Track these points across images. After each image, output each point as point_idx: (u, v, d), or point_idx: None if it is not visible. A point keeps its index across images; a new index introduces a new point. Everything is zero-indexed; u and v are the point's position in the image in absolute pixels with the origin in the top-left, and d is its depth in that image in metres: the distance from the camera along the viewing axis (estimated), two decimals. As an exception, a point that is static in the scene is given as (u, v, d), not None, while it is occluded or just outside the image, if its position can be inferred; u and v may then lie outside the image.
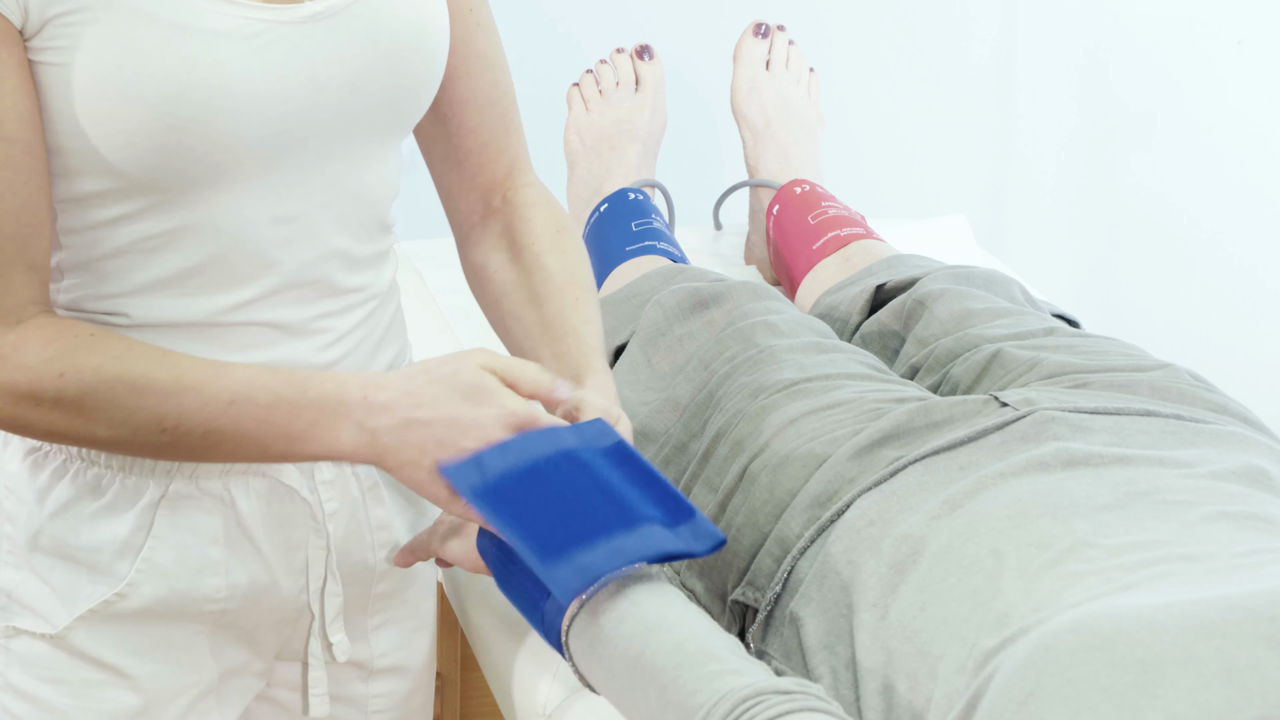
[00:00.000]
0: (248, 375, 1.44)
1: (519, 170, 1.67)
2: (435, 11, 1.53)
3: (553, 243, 1.64)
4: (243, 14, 1.42)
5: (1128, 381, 1.68)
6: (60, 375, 1.41)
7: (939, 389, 1.80)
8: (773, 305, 1.92)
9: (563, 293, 1.61)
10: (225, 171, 1.44)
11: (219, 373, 1.44)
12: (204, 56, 1.40)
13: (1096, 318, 2.77)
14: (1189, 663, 1.19)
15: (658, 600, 1.39)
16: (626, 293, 2.05)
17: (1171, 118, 2.76)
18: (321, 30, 1.46)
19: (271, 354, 1.51)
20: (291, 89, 1.44)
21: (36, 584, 1.53)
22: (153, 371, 1.43)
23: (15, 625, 1.54)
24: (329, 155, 1.49)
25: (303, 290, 1.51)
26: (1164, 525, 1.40)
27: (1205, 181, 2.74)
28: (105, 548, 1.51)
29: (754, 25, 2.41)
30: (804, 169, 2.35)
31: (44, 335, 1.43)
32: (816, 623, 1.49)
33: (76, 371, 1.42)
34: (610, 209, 2.27)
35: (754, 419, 1.69)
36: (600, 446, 1.46)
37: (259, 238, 1.48)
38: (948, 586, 1.40)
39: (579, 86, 2.41)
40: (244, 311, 1.49)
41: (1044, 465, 1.50)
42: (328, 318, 1.53)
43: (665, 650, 1.35)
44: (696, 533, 1.44)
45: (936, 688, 1.35)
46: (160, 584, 1.52)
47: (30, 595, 1.53)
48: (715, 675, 1.31)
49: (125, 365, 1.42)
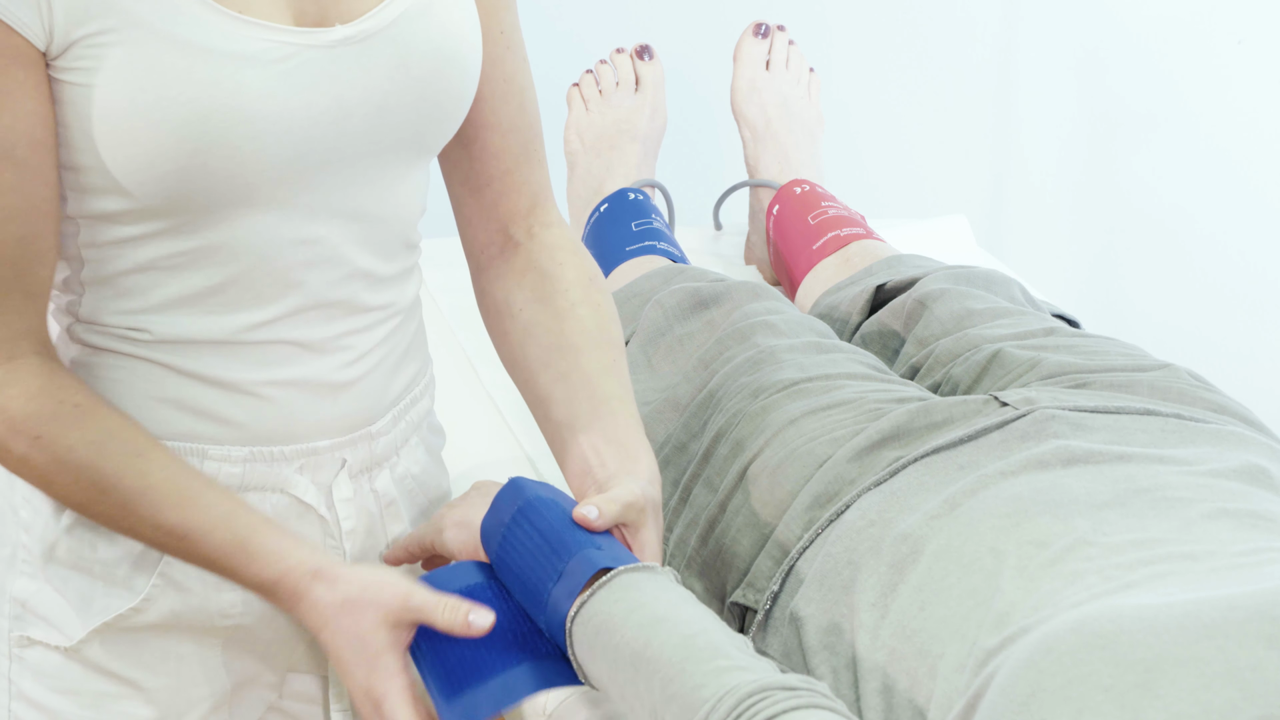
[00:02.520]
0: (205, 518, 1.45)
1: (542, 206, 1.62)
2: (470, 34, 1.51)
3: (585, 294, 1.60)
4: (271, 37, 1.40)
5: (1128, 381, 1.68)
6: (36, 438, 1.42)
7: (939, 389, 1.80)
8: (773, 305, 1.92)
9: (599, 349, 1.58)
10: (248, 194, 1.43)
11: (182, 501, 1.44)
12: (227, 80, 1.39)
13: (1096, 318, 2.77)
14: (1191, 662, 1.19)
15: (668, 596, 1.39)
16: (626, 293, 2.05)
17: (1171, 118, 2.76)
18: (351, 55, 1.43)
19: (293, 371, 1.49)
20: (316, 114, 1.42)
21: (51, 595, 1.52)
22: (121, 476, 1.43)
23: (29, 635, 1.53)
24: (354, 178, 1.47)
25: (326, 310, 1.50)
26: (1164, 523, 1.40)
27: (1205, 181, 2.74)
28: (122, 561, 1.50)
29: (754, 25, 2.41)
30: (804, 169, 2.35)
31: (29, 388, 1.42)
32: (816, 622, 1.49)
33: (51, 442, 1.42)
34: (610, 209, 2.27)
35: (754, 419, 1.69)
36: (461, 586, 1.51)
37: (282, 259, 1.46)
38: (947, 585, 1.40)
39: (579, 86, 2.41)
40: (266, 330, 1.48)
41: (1044, 463, 1.50)
42: (351, 335, 1.52)
43: (672, 643, 1.34)
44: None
45: (937, 686, 1.35)
46: (176, 598, 1.52)
47: (45, 606, 1.52)
48: (722, 670, 1.31)
49: (96, 457, 1.42)
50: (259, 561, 1.45)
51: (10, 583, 1.53)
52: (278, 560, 1.46)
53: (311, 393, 1.51)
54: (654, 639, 1.35)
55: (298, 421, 1.51)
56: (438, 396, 1.79)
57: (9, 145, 1.37)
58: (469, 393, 2.09)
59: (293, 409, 1.50)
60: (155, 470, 1.44)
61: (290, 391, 1.50)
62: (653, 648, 1.35)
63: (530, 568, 1.46)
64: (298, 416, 1.51)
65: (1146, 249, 2.82)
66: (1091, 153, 2.87)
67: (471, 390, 2.10)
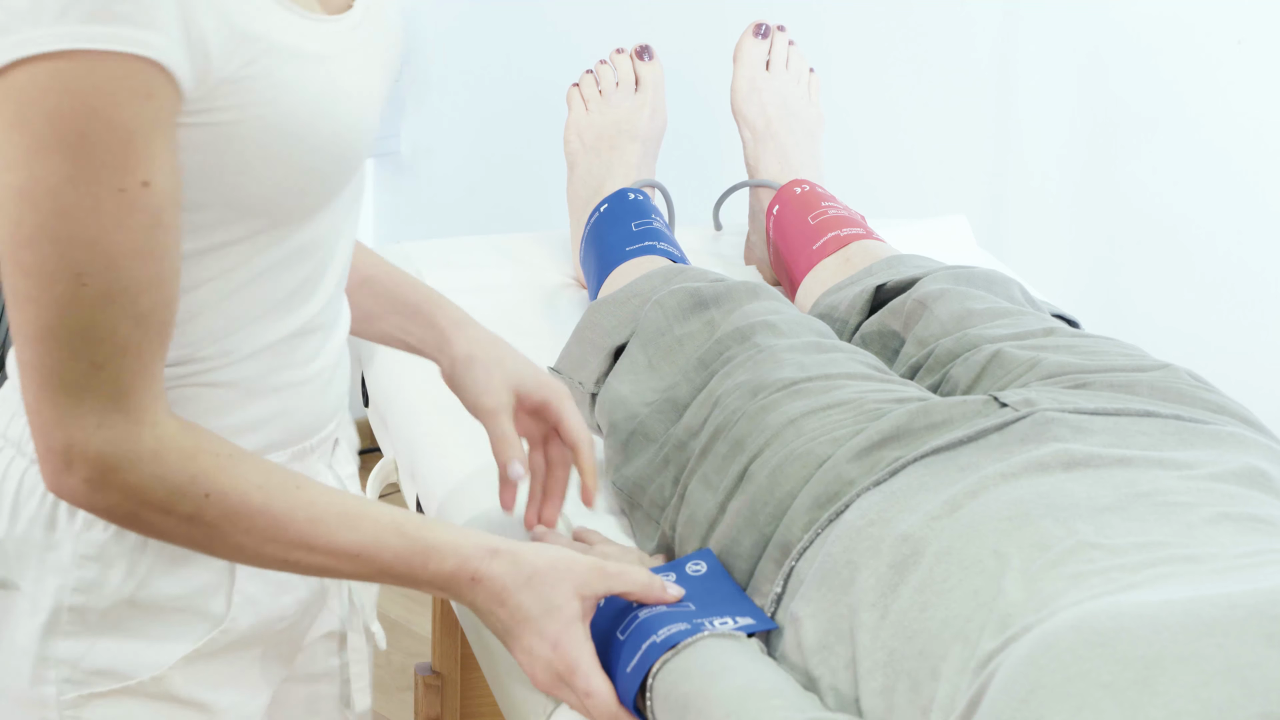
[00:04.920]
0: (376, 531, 1.43)
1: None
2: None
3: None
4: (332, 31, 1.36)
5: (1127, 382, 1.68)
6: (206, 496, 1.36)
7: (939, 389, 1.80)
8: (773, 305, 1.92)
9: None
10: (341, 190, 1.41)
11: (349, 521, 1.42)
12: (336, 83, 1.35)
13: (1096, 318, 2.77)
14: (1190, 660, 1.19)
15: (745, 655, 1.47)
16: (626, 293, 2.05)
17: (1171, 118, 2.76)
18: (366, 35, 1.41)
19: (321, 359, 1.49)
20: (371, 102, 1.41)
21: (112, 645, 1.46)
22: (293, 512, 1.39)
23: (90, 692, 1.46)
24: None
25: (340, 287, 1.51)
26: (1166, 527, 1.40)
27: (1205, 182, 2.74)
28: (204, 589, 1.47)
29: (754, 25, 2.41)
30: (804, 169, 2.35)
31: (183, 448, 1.35)
32: (817, 623, 1.49)
33: (223, 496, 1.37)
34: (610, 209, 2.27)
35: (753, 418, 1.69)
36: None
37: (338, 245, 1.46)
38: (949, 586, 1.40)
39: (579, 87, 2.42)
40: (316, 319, 1.46)
41: (1044, 466, 1.50)
42: (341, 308, 1.53)
43: (736, 685, 1.41)
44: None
45: (939, 688, 1.35)
46: (252, 612, 1.50)
47: (104, 658, 1.46)
48: (777, 709, 1.36)
49: (268, 498, 1.39)
50: (436, 557, 1.45)
51: (53, 647, 1.46)
52: (453, 551, 1.46)
53: (326, 378, 1.51)
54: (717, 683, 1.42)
55: (320, 411, 1.51)
56: (437, 396, 1.80)
57: (159, 209, 1.28)
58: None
59: (316, 398, 1.50)
60: (318, 499, 1.42)
61: (317, 381, 1.50)
62: (716, 688, 1.42)
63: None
64: (320, 405, 1.51)
65: (1146, 249, 2.82)
66: (1091, 153, 2.87)
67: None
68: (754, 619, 1.52)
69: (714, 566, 1.58)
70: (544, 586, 1.47)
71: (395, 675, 3.11)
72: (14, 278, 1.28)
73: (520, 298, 2.33)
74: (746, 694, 1.40)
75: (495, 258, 2.44)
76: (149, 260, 1.28)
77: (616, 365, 1.97)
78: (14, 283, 1.28)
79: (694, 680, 1.43)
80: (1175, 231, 2.79)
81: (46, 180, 1.24)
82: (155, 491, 1.35)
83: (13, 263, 1.27)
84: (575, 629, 1.47)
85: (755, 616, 1.52)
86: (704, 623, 1.49)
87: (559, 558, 1.48)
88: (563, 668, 1.46)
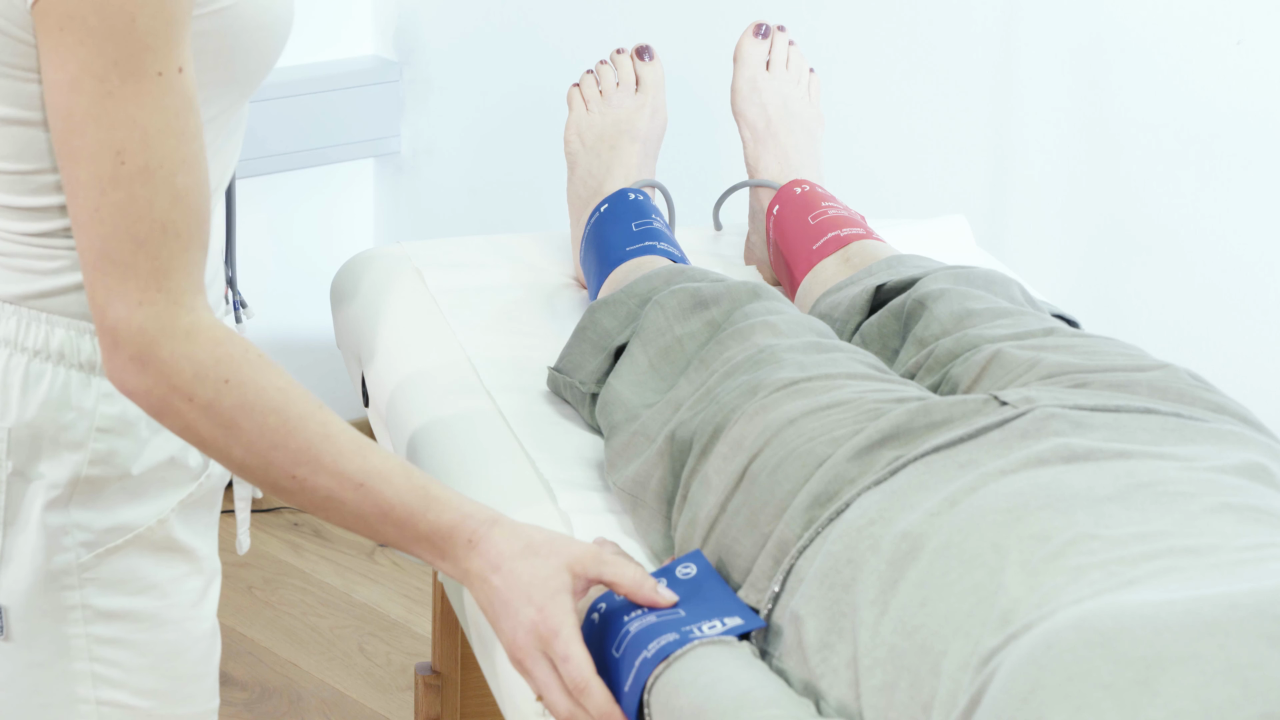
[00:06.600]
0: (385, 466, 1.48)
1: None
2: None
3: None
4: None
5: (1127, 381, 1.68)
6: (225, 381, 1.43)
7: (939, 389, 1.80)
8: (773, 305, 1.92)
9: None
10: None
11: (361, 450, 1.47)
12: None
13: (1096, 318, 2.77)
14: (1191, 660, 1.19)
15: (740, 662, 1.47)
16: (626, 293, 2.05)
17: (1171, 118, 2.76)
18: None
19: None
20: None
21: (120, 505, 1.56)
22: (306, 421, 1.45)
23: (104, 549, 1.56)
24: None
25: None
26: (1166, 516, 1.40)
27: (1205, 181, 2.74)
28: (185, 445, 1.57)
29: (754, 26, 2.41)
30: (804, 169, 2.35)
31: (214, 336, 1.44)
32: (817, 621, 1.49)
33: (240, 385, 1.44)
34: (610, 209, 2.27)
35: (753, 417, 1.69)
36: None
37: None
38: (949, 582, 1.40)
39: (579, 87, 2.42)
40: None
41: (1044, 461, 1.50)
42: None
43: (731, 694, 1.40)
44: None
45: (941, 684, 1.35)
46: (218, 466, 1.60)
47: (115, 517, 1.56)
48: (774, 718, 1.37)
49: (286, 400, 1.45)
50: (437, 507, 1.49)
51: (71, 515, 1.55)
52: (455, 507, 1.49)
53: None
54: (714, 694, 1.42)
55: None
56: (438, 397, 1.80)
57: (190, 93, 1.40)
58: (469, 392, 2.09)
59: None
60: (334, 421, 1.48)
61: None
62: (713, 700, 1.41)
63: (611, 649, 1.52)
64: None
65: (1146, 249, 2.82)
66: (1091, 153, 2.87)
67: (471, 390, 2.10)
68: (742, 619, 1.52)
69: (704, 567, 1.58)
70: (537, 558, 1.49)
71: (395, 675, 3.11)
72: (67, 168, 1.40)
73: (520, 298, 2.33)
74: (742, 703, 1.40)
75: (495, 258, 2.44)
76: (182, 140, 1.40)
77: (617, 365, 1.97)
78: (67, 173, 1.40)
79: (689, 693, 1.43)
80: (1175, 232, 2.79)
81: (94, 67, 1.36)
82: (183, 372, 1.42)
83: (65, 152, 1.39)
84: (563, 598, 1.48)
85: (744, 616, 1.52)
86: (693, 629, 1.49)
87: (556, 536, 1.51)
88: (545, 630, 1.47)
